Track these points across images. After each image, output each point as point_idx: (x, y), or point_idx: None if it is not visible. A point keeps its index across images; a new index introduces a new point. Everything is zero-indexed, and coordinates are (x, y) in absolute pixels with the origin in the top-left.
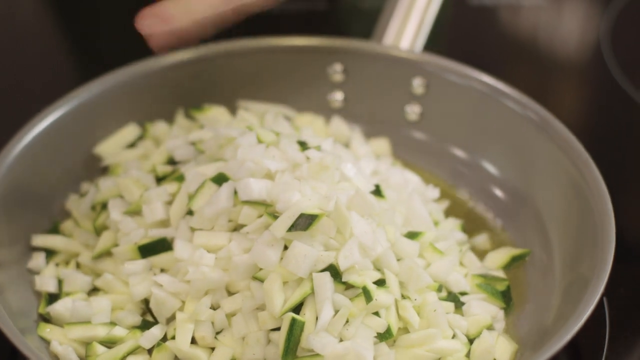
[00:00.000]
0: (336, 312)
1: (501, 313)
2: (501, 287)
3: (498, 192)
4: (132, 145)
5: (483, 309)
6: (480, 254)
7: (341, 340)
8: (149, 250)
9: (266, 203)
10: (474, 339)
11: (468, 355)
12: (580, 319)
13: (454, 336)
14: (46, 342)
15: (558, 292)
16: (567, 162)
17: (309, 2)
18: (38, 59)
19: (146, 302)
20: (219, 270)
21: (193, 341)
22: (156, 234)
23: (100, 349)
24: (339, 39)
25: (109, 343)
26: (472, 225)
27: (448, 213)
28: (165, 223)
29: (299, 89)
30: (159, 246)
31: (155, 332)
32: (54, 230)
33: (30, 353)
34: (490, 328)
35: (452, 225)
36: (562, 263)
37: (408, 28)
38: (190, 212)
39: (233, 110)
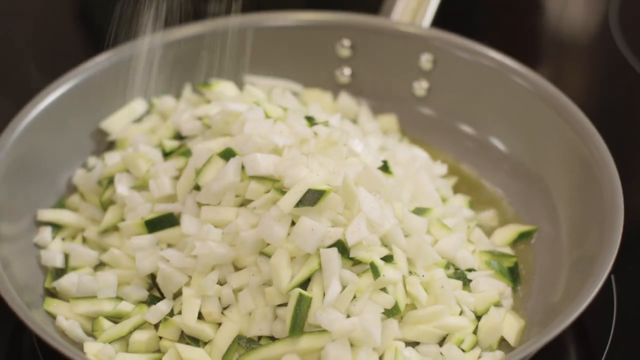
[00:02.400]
0: (343, 288)
1: (509, 290)
2: (509, 263)
3: (506, 168)
4: (138, 120)
5: (491, 286)
6: (488, 231)
7: (348, 316)
8: (155, 225)
9: (273, 178)
10: (482, 315)
11: (475, 331)
12: (588, 297)
13: (461, 313)
14: (52, 317)
15: (566, 269)
16: (575, 138)
17: None
18: (45, 32)
19: (153, 277)
20: (225, 245)
21: (200, 316)
22: (163, 208)
23: (106, 323)
24: (347, 14)
25: (115, 318)
26: (479, 201)
27: (456, 189)
28: (172, 198)
29: (306, 65)
30: (166, 221)
31: (162, 307)
32: (61, 204)
33: (36, 327)
34: (497, 305)
35: (460, 202)
36: (570, 240)
37: (416, 3)
38: (197, 187)
39: (240, 85)
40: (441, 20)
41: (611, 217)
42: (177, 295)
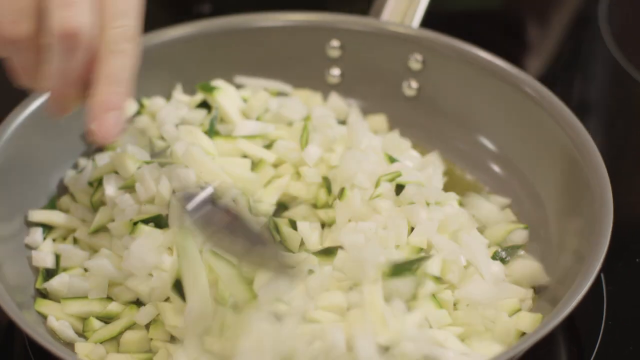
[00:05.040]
0: None
1: (530, 292)
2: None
3: (495, 168)
4: (129, 121)
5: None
6: (479, 229)
7: None
8: None
9: None
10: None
11: None
12: (578, 294)
13: None
14: (43, 318)
15: (555, 267)
16: (564, 138)
17: None
18: None
19: None
20: None
21: None
22: (151, 210)
23: (97, 324)
24: (336, 14)
25: (106, 318)
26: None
27: (445, 189)
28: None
29: (295, 65)
30: (155, 223)
31: (151, 309)
32: (51, 205)
33: (27, 328)
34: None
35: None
36: (559, 238)
37: (405, 4)
38: None
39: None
40: (430, 20)
41: (601, 215)
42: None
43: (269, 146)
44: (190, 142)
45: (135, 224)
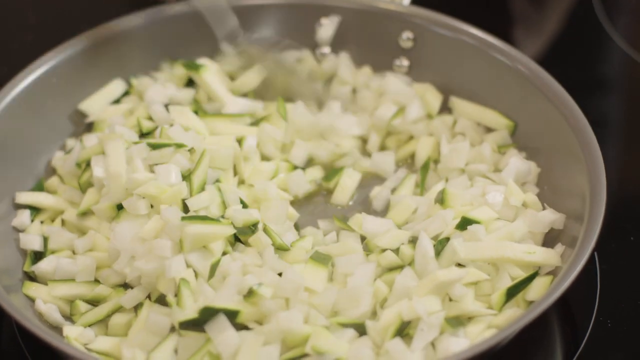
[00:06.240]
0: None
1: None
2: None
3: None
4: (117, 101)
5: None
6: None
7: None
8: None
9: None
10: None
11: None
12: (571, 274)
13: None
14: (31, 301)
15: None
16: (557, 115)
17: None
18: (21, 14)
19: None
20: None
21: None
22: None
23: (83, 306)
24: None
25: (94, 301)
26: None
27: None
28: None
29: None
30: None
31: (137, 293)
32: (39, 187)
33: (15, 312)
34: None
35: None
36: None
37: None
38: None
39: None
40: None
41: (594, 195)
42: None
43: (256, 123)
44: (181, 122)
45: (118, 206)
